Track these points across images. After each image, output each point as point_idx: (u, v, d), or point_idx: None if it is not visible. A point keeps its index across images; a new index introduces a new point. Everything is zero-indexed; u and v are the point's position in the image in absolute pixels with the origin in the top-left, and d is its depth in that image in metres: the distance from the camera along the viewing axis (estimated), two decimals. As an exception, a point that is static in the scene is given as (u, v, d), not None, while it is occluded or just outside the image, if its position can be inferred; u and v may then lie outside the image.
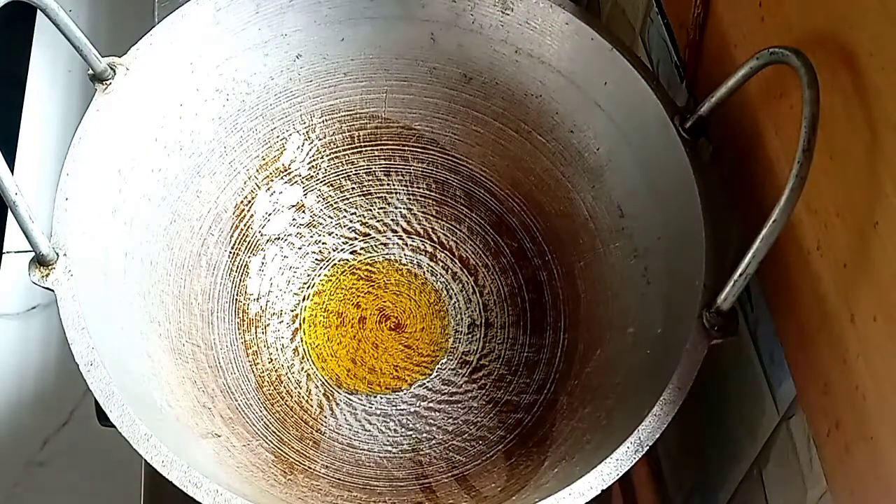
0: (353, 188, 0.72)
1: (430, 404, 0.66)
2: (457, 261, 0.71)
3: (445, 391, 0.67)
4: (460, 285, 0.70)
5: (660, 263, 0.59)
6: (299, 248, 0.71)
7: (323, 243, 0.71)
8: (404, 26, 0.67)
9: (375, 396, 0.66)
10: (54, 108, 0.96)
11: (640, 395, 0.53)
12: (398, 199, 0.72)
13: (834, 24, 0.44)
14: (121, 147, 0.60)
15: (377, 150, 0.72)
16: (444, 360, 0.68)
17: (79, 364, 0.51)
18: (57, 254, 0.53)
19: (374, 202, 0.72)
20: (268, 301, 0.69)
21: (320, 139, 0.71)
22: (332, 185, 0.72)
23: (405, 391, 0.67)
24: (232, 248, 0.68)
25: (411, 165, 0.72)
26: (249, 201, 0.69)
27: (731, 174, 0.58)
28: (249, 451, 0.59)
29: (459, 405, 0.66)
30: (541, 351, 0.67)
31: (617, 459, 0.50)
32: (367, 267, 0.71)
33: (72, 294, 0.53)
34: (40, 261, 0.53)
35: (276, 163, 0.70)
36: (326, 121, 0.70)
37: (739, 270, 0.48)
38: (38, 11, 0.57)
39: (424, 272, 0.71)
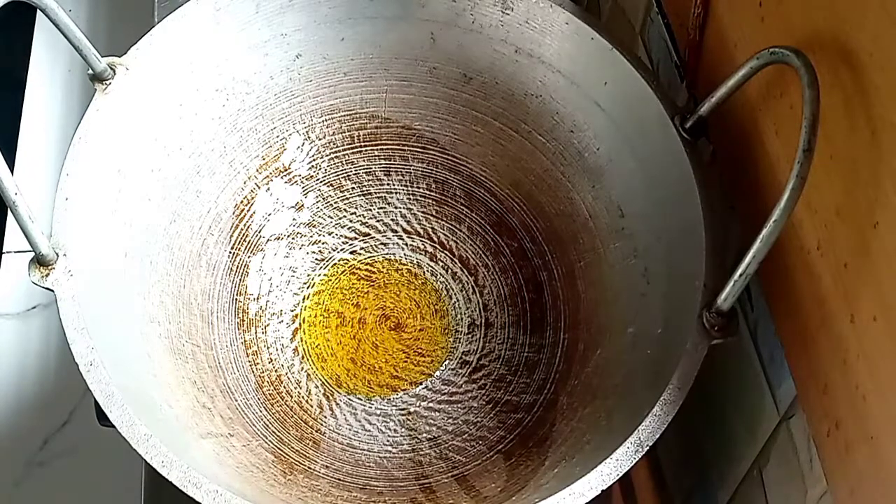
0: (352, 188, 0.72)
1: (430, 404, 0.66)
2: (457, 261, 0.71)
3: (445, 391, 0.67)
4: (460, 285, 0.70)
5: (660, 263, 0.59)
6: (299, 248, 0.71)
7: (323, 243, 0.71)
8: (404, 26, 0.67)
9: (375, 396, 0.66)
10: (54, 108, 0.96)
11: (640, 395, 0.53)
12: (398, 199, 0.72)
13: (834, 24, 0.44)
14: (121, 147, 0.60)
15: (377, 150, 0.72)
16: (444, 361, 0.68)
17: (79, 364, 0.51)
18: (57, 254, 0.53)
19: (374, 202, 0.72)
20: (268, 301, 0.69)
21: (320, 139, 0.71)
22: (332, 184, 0.72)
23: (405, 391, 0.67)
24: (232, 248, 0.68)
25: (411, 165, 0.72)
26: (249, 201, 0.69)
27: (731, 174, 0.58)
28: (249, 451, 0.59)
29: (459, 405, 0.66)
30: (541, 351, 0.67)
31: (617, 459, 0.50)
32: (367, 267, 0.71)
33: (72, 294, 0.53)
34: (40, 261, 0.53)
35: (276, 163, 0.70)
36: (326, 121, 0.70)
37: (739, 270, 0.48)
38: (38, 11, 0.57)
39: (424, 272, 0.71)
